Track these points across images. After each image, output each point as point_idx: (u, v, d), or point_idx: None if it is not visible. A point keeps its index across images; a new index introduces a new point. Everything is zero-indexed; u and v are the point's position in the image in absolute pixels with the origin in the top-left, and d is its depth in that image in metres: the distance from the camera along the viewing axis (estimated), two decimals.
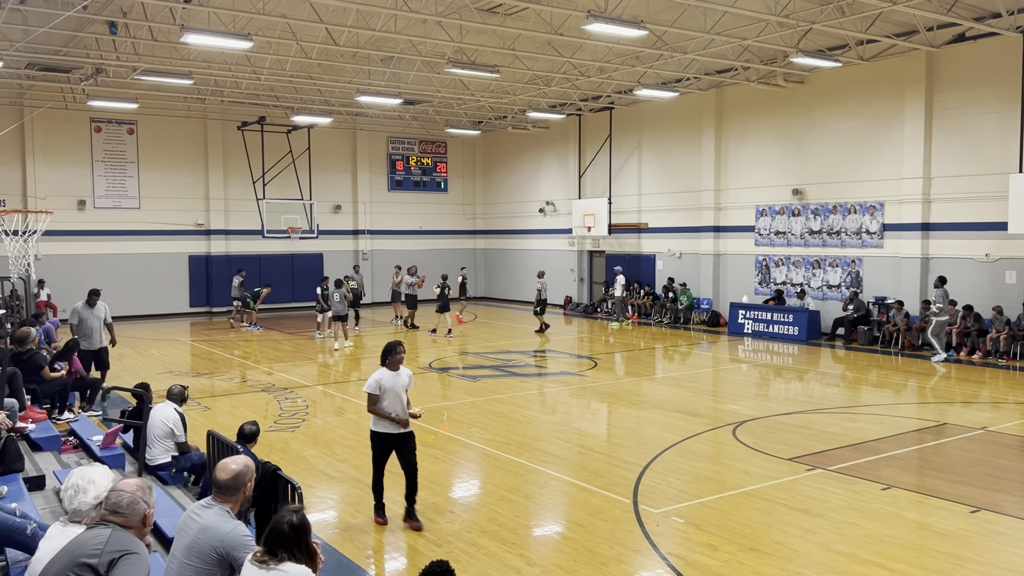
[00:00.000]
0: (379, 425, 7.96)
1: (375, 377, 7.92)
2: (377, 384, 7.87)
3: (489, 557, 7.22)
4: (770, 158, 23.57)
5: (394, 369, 7.96)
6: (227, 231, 29.52)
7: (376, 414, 7.92)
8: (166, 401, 8.93)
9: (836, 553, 7.24)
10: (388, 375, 7.93)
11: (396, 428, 7.91)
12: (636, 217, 28.01)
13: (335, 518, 8.39)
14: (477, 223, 35.73)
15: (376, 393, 7.87)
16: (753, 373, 17.70)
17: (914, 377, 16.48)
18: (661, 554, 7.28)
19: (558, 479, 9.65)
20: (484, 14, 17.76)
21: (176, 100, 26.93)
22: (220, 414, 13.06)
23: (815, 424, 12.19)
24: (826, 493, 8.88)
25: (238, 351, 20.43)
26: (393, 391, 7.89)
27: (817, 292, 22.44)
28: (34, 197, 25.85)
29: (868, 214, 21.09)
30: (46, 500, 7.18)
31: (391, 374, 7.94)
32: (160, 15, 17.12)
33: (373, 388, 7.89)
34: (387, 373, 7.94)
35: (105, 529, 3.87)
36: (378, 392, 7.86)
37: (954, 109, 19.25)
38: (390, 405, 7.86)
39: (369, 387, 7.90)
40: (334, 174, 31.69)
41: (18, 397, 9.33)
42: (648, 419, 12.85)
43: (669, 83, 23.80)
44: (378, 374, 7.95)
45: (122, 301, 27.29)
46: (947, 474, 9.70)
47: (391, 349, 8.02)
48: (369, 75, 23.23)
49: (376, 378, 7.90)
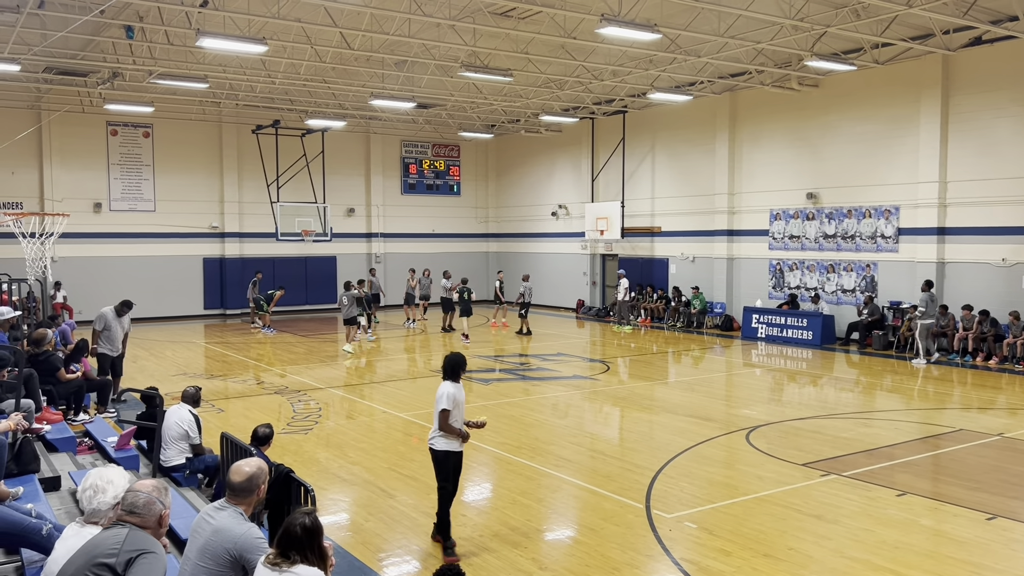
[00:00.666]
0: (447, 443, 7.42)
1: (447, 392, 7.37)
2: (452, 399, 7.33)
3: (501, 561, 7.21)
4: (784, 162, 23.47)
5: (458, 381, 7.50)
6: (241, 234, 29.67)
7: (449, 431, 7.37)
8: (180, 403, 8.98)
9: (850, 560, 7.19)
10: (457, 388, 7.44)
11: (461, 444, 7.48)
12: (649, 221, 27.95)
13: (347, 521, 8.40)
14: (490, 226, 35.76)
15: (451, 409, 7.33)
16: (767, 378, 17.61)
17: (930, 382, 16.35)
18: (674, 559, 7.26)
19: (570, 483, 9.63)
20: (497, 18, 17.78)
21: (191, 104, 27.12)
22: (234, 416, 13.12)
23: (829, 429, 12.12)
24: (840, 499, 8.82)
25: (252, 353, 20.52)
26: (461, 405, 7.47)
27: (831, 296, 22.32)
28: (51, 200, 26.08)
29: (883, 218, 20.96)
30: (61, 501, 7.22)
31: (458, 387, 7.46)
32: (176, 19, 17.23)
33: (449, 403, 7.33)
34: (455, 386, 7.43)
35: (122, 529, 3.90)
36: (452, 407, 7.34)
37: (970, 113, 19.11)
38: (457, 421, 7.42)
39: (445, 402, 7.33)
40: (347, 177, 31.80)
41: (34, 398, 9.40)
42: (661, 423, 12.81)
43: (683, 86, 23.76)
44: (449, 388, 7.40)
45: (137, 303, 27.38)
46: (963, 480, 9.62)
47: (460, 363, 7.50)
48: (383, 79, 23.31)
49: (449, 392, 7.36)
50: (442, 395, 7.35)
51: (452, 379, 7.45)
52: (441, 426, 7.36)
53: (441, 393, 7.38)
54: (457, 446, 7.43)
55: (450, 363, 7.48)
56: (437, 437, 7.43)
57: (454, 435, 7.38)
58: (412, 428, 12.50)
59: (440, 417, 7.35)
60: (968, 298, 18.75)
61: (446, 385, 7.42)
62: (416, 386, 16.20)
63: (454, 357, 7.50)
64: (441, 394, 7.37)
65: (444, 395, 7.34)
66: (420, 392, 15.49)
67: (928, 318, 18.35)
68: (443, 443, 7.40)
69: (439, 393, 7.41)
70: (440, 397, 7.37)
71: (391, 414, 13.47)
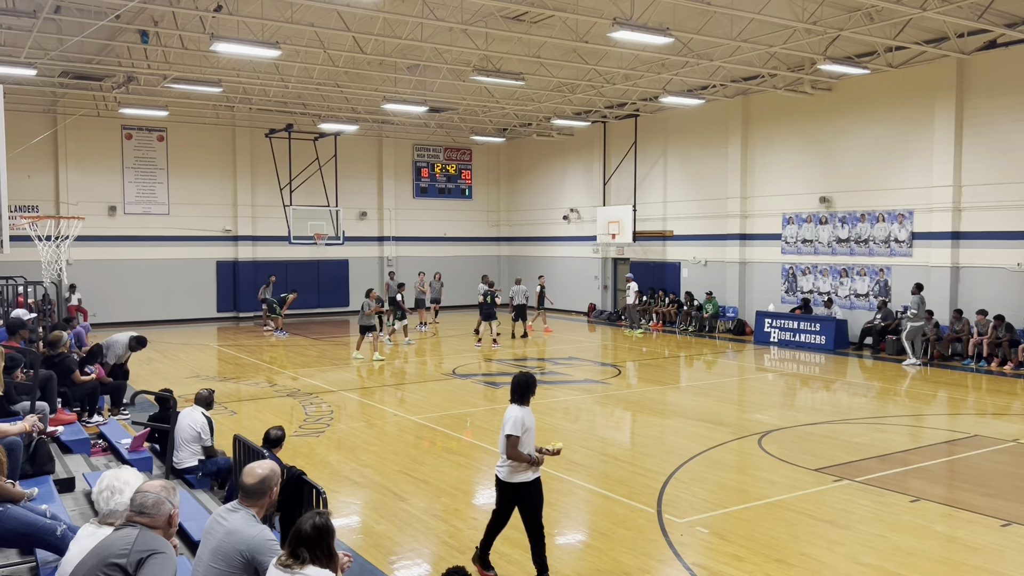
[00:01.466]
0: (516, 473, 6.73)
1: (517, 416, 6.67)
2: (519, 423, 6.64)
3: (512, 565, 7.21)
4: (797, 166, 23.39)
5: (527, 404, 6.84)
6: (254, 237, 29.82)
7: (519, 459, 6.66)
8: (193, 405, 9.02)
9: (863, 566, 7.14)
10: (525, 412, 6.76)
11: (533, 473, 6.79)
12: (661, 224, 27.90)
13: (358, 523, 8.42)
14: (501, 230, 35.79)
15: (519, 435, 6.62)
16: (779, 382, 17.53)
17: (943, 387, 16.24)
18: (685, 564, 7.23)
19: (582, 487, 9.62)
20: (510, 22, 17.81)
21: (205, 108, 27.30)
22: (246, 418, 13.18)
23: (842, 434, 12.05)
24: (853, 504, 8.77)
25: (264, 356, 20.60)
26: (532, 431, 6.78)
27: (844, 301, 22.20)
28: (66, 203, 26.28)
29: (897, 222, 20.84)
30: (75, 502, 7.26)
31: (526, 410, 6.78)
32: (190, 24, 17.36)
33: (517, 428, 6.62)
34: (522, 410, 6.76)
35: (132, 529, 3.93)
36: (520, 433, 6.63)
37: (985, 116, 18.99)
38: (527, 447, 6.72)
39: (516, 428, 6.63)
40: (360, 181, 31.90)
41: (50, 400, 9.46)
42: (673, 428, 12.77)
43: (695, 90, 23.72)
44: (518, 412, 6.71)
45: (151, 306, 27.70)
46: (977, 486, 9.54)
47: (530, 383, 6.84)
48: (395, 83, 23.39)
49: (516, 416, 6.67)
50: (508, 419, 6.70)
51: (520, 402, 6.78)
52: (509, 454, 6.69)
53: (508, 417, 6.72)
54: (529, 475, 6.75)
55: (519, 384, 6.80)
56: (505, 466, 6.78)
57: (523, 463, 6.70)
58: (424, 431, 12.52)
59: (507, 444, 6.66)
60: (983, 303, 18.61)
61: (513, 409, 6.76)
62: (427, 389, 16.23)
63: (524, 378, 6.85)
64: (508, 418, 6.72)
65: (511, 419, 6.68)
66: (431, 395, 15.52)
67: (918, 320, 18.62)
68: (510, 473, 6.75)
69: (505, 417, 6.76)
70: (506, 422, 6.72)
71: (403, 417, 13.49)
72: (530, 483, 6.76)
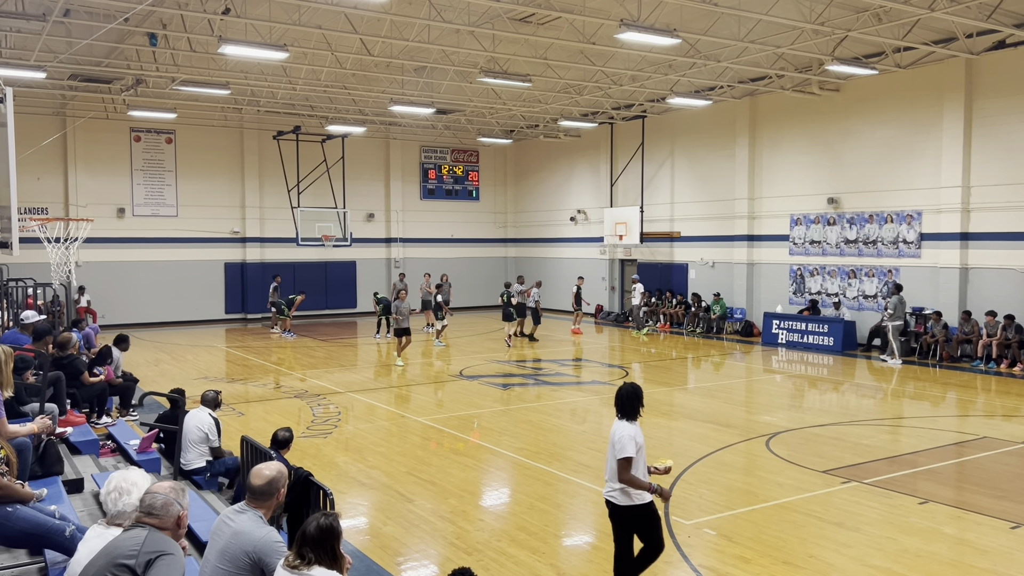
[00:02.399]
0: (630, 496, 6.07)
1: (627, 433, 5.95)
2: (635, 443, 5.93)
3: (519, 566, 7.21)
4: (805, 166, 23.32)
5: (636, 420, 6.11)
6: (262, 239, 29.91)
7: (634, 485, 5.97)
8: (200, 406, 9.06)
9: (872, 568, 7.12)
10: (636, 430, 6.04)
11: (647, 496, 6.10)
12: (668, 226, 27.85)
13: (366, 525, 8.43)
14: (508, 231, 35.80)
15: (634, 456, 5.92)
16: (787, 384, 17.49)
17: (952, 389, 16.17)
18: (692, 566, 7.22)
19: (588, 488, 9.60)
20: (516, 24, 17.82)
21: (213, 110, 27.41)
22: (254, 420, 13.21)
23: (850, 436, 12.01)
24: (861, 506, 8.74)
25: (272, 357, 20.65)
26: (643, 449, 6.07)
27: (853, 302, 22.12)
28: (75, 205, 26.41)
29: (905, 223, 20.76)
30: (84, 503, 7.29)
31: (636, 427, 6.05)
32: (199, 27, 17.43)
33: (633, 450, 5.90)
34: (634, 427, 6.03)
35: (141, 530, 3.94)
36: (635, 454, 5.94)
37: (994, 117, 18.90)
38: (640, 467, 6.03)
39: (630, 449, 5.90)
40: (367, 183, 31.97)
41: (59, 402, 9.50)
42: (680, 429, 12.75)
43: (702, 91, 23.69)
44: (630, 429, 5.99)
45: (159, 307, 27.81)
46: (987, 489, 9.50)
47: (638, 396, 6.08)
48: (402, 85, 23.43)
49: (629, 434, 5.94)
50: (622, 438, 5.93)
51: (628, 417, 6.05)
52: (622, 478, 5.95)
53: (620, 435, 5.96)
54: (645, 498, 6.10)
55: (627, 396, 6.07)
56: (616, 490, 6.09)
57: (638, 487, 6.01)
58: (431, 433, 12.53)
59: (620, 467, 5.93)
60: (992, 304, 18.51)
61: (623, 426, 6.01)
62: (433, 391, 16.25)
63: (630, 389, 6.11)
64: (620, 436, 5.95)
65: (624, 437, 5.92)
66: (438, 397, 15.53)
67: (897, 319, 19.17)
68: (624, 497, 6.07)
69: (616, 436, 6.00)
70: (618, 441, 5.96)
71: (410, 418, 13.50)
72: (647, 504, 6.14)
